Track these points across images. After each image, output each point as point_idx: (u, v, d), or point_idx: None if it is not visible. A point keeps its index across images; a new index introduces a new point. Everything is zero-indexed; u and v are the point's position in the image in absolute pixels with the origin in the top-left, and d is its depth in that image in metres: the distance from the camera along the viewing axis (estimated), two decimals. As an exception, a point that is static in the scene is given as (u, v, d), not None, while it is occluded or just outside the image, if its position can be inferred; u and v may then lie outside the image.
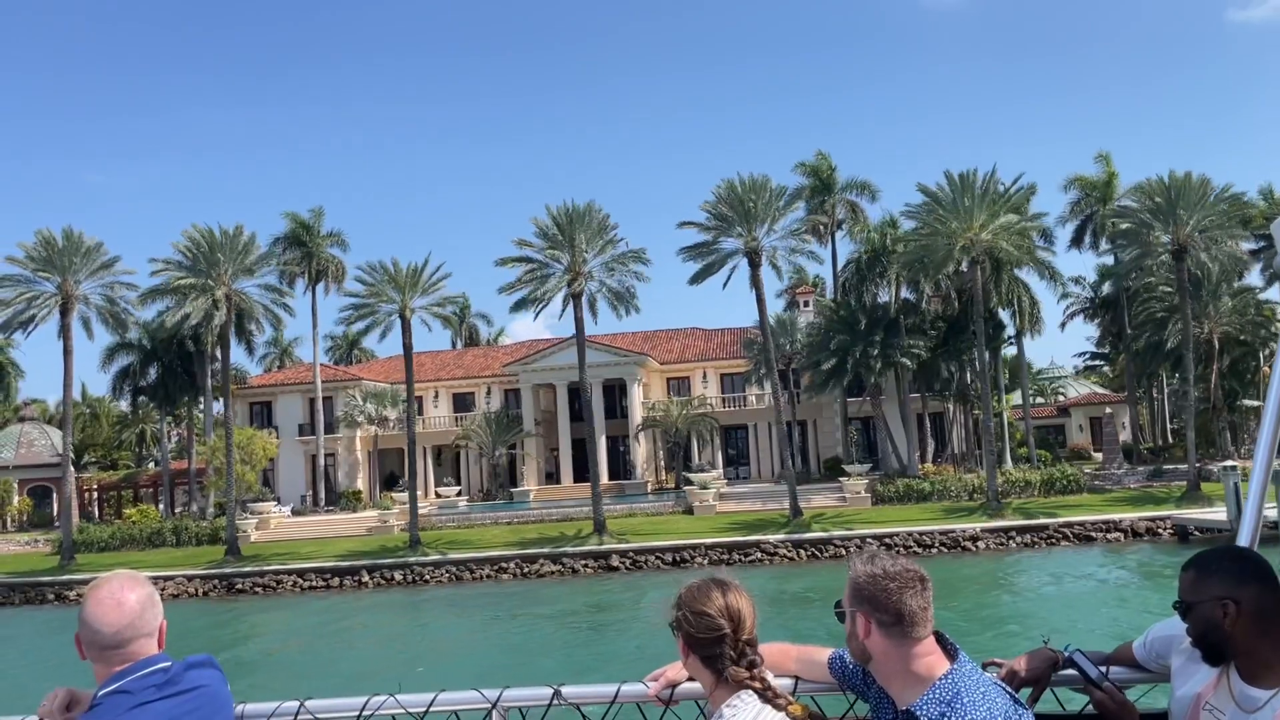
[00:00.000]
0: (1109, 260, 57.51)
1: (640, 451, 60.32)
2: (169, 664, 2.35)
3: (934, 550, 38.13)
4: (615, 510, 47.78)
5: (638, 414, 60.07)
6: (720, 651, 2.28)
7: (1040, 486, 44.84)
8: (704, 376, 66.03)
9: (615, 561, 38.44)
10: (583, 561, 38.69)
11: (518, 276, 41.41)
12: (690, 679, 2.49)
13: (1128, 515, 38.96)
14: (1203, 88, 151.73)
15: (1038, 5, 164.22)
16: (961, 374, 52.83)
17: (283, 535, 48.40)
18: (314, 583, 39.27)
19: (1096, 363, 66.87)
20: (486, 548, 41.08)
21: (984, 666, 2.51)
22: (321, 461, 58.76)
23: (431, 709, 2.67)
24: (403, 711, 2.70)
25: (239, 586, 39.48)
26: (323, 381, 61.62)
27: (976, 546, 38.14)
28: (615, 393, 62.73)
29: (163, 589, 39.34)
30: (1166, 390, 61.47)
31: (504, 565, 38.78)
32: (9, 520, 61.54)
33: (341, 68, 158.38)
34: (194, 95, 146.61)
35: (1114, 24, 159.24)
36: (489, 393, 66.90)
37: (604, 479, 60.05)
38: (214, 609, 36.46)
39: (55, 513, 64.53)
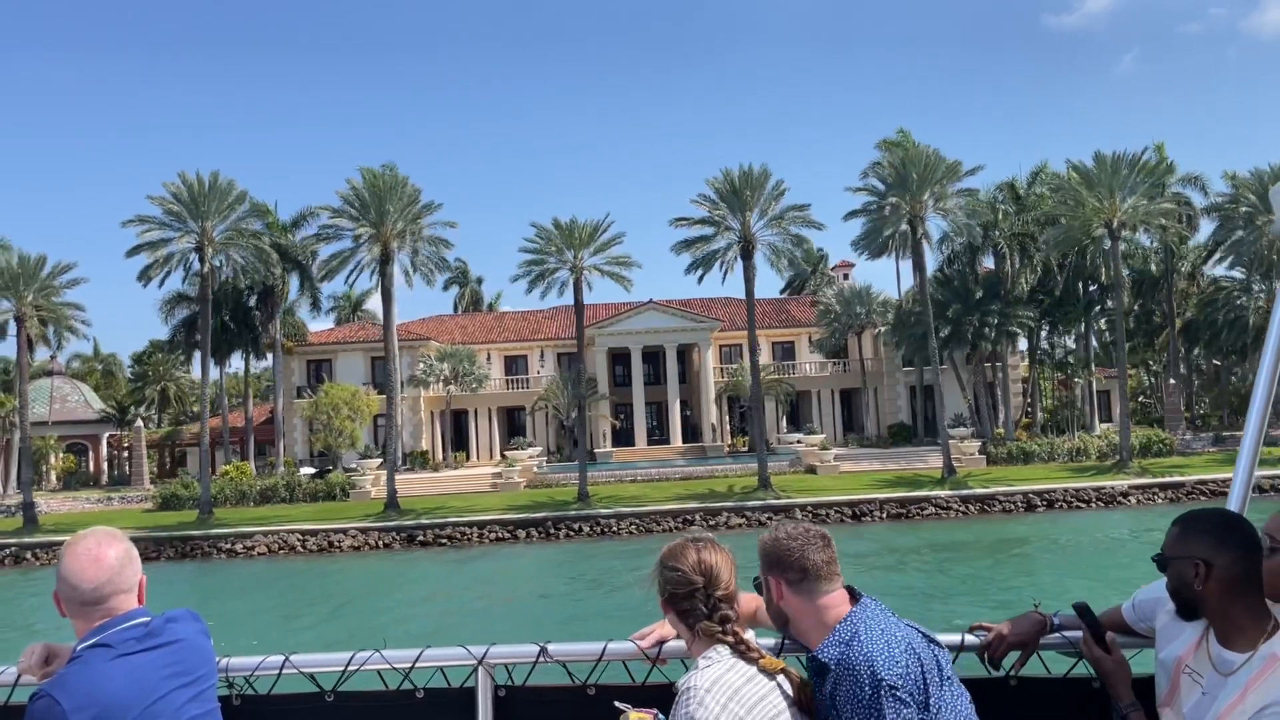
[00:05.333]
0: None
1: (713, 415, 61.46)
2: (149, 618, 2.36)
3: (1091, 505, 40.88)
4: (728, 470, 49.04)
5: (711, 378, 61.24)
6: (693, 606, 2.33)
7: (1137, 449, 48.28)
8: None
9: (798, 515, 39.74)
10: (766, 515, 39.77)
11: (687, 238, 42.00)
12: (678, 637, 2.53)
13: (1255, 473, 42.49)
14: (1017, 84, 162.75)
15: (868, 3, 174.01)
16: (1034, 341, 56.01)
17: (400, 491, 47.58)
18: (498, 534, 39.24)
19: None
20: (643, 502, 41.80)
21: (971, 629, 2.64)
22: (399, 420, 57.72)
23: (417, 665, 2.71)
24: (388, 668, 2.72)
25: (420, 539, 39.08)
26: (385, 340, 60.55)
27: (1128, 501, 41.07)
28: (666, 358, 63.24)
29: (339, 541, 38.85)
30: (1178, 362, 66.32)
31: (689, 518, 39.57)
32: (47, 479, 58.25)
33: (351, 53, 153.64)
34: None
35: (934, 23, 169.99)
36: (542, 356, 66.89)
37: (678, 441, 61.59)
38: (419, 560, 36.14)
39: (92, 469, 61.56)
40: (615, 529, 39.19)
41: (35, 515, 42.56)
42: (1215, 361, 67.18)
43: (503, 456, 52.42)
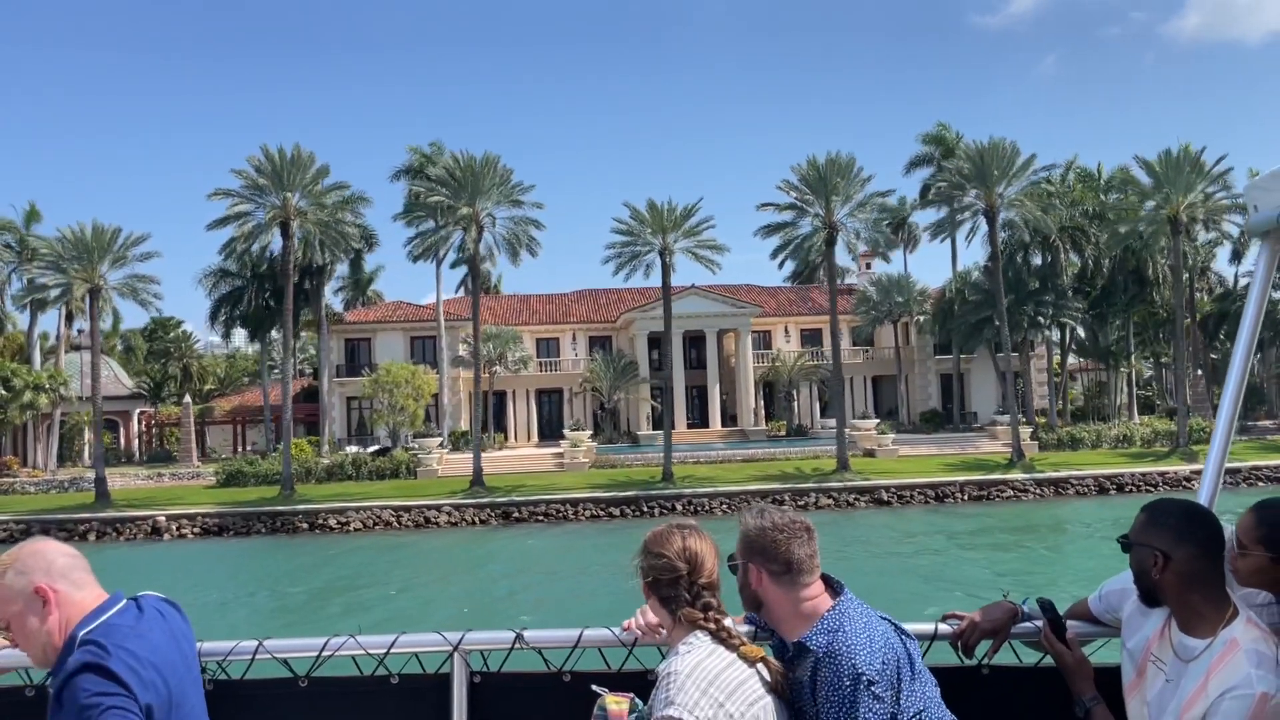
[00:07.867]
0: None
1: (751, 399, 62.22)
2: (127, 600, 2.37)
3: (1158, 489, 42.43)
4: (786, 452, 49.83)
5: (750, 364, 61.99)
6: (676, 593, 2.34)
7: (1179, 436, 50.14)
8: (785, 331, 68.45)
9: (885, 496, 40.74)
10: (853, 495, 40.76)
11: (772, 223, 42.77)
12: (660, 623, 2.51)
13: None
14: (943, 79, 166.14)
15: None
16: (1067, 333, 57.63)
17: (463, 470, 47.62)
18: (594, 512, 39.63)
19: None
20: (717, 483, 42.46)
21: (944, 618, 2.68)
22: (458, 400, 57.88)
23: (392, 651, 2.69)
24: (363, 653, 2.70)
25: (515, 515, 39.35)
26: (426, 321, 60.50)
27: (1191, 485, 42.66)
28: (706, 343, 63.98)
29: (434, 517, 39.02)
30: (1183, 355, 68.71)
31: (778, 498, 40.17)
32: (81, 456, 57.12)
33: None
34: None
35: (866, 18, 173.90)
36: (574, 339, 67.14)
37: (717, 425, 62.29)
38: (528, 535, 36.36)
39: (123, 446, 60.53)
40: (708, 507, 39.77)
41: (108, 490, 41.91)
42: (1213, 356, 69.84)
43: (563, 436, 52.67)
